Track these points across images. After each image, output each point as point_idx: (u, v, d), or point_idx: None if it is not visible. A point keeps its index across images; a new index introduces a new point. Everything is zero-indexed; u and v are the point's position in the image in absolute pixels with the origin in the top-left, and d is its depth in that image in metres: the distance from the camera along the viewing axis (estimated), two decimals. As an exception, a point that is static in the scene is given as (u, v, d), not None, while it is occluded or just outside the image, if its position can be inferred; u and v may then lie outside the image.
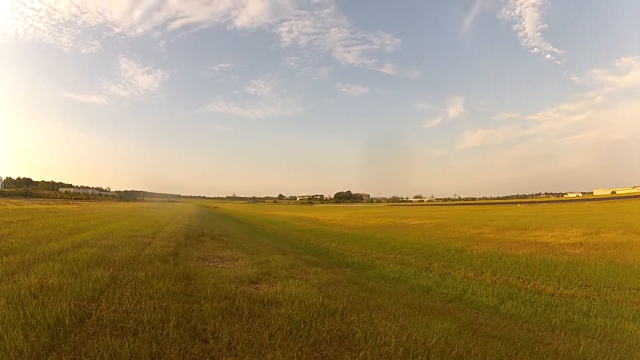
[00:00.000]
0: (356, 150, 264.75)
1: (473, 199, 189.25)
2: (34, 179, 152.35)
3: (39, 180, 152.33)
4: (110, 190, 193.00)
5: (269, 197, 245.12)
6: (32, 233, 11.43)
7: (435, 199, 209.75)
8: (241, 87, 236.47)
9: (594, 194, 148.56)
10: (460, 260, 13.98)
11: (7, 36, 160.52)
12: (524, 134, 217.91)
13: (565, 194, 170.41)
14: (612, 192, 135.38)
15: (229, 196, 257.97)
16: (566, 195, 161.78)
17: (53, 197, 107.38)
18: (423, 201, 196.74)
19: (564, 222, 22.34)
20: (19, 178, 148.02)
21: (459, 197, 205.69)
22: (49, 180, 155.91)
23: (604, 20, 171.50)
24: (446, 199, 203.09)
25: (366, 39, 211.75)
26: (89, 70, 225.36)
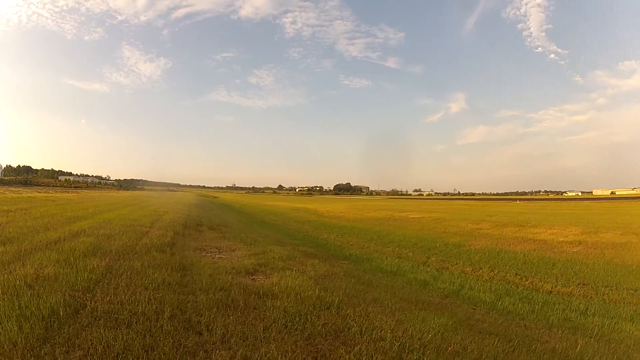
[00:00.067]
0: (357, 142, 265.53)
1: (472, 194, 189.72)
2: (33, 167, 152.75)
3: (39, 169, 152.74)
4: (110, 178, 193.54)
5: (269, 188, 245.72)
6: (30, 222, 11.38)
7: (435, 193, 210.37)
8: (244, 77, 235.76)
9: (594, 193, 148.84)
10: (458, 255, 13.97)
11: (10, 23, 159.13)
12: (525, 131, 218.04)
13: (565, 192, 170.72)
14: (612, 193, 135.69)
15: (229, 186, 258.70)
16: (566, 194, 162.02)
17: (52, 185, 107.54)
18: (422, 195, 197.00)
19: (563, 220, 22.34)
20: (19, 166, 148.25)
21: (459, 192, 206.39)
22: (49, 169, 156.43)
23: (607, 23, 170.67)
24: (446, 194, 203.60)
25: (370, 32, 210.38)
26: (91, 57, 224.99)
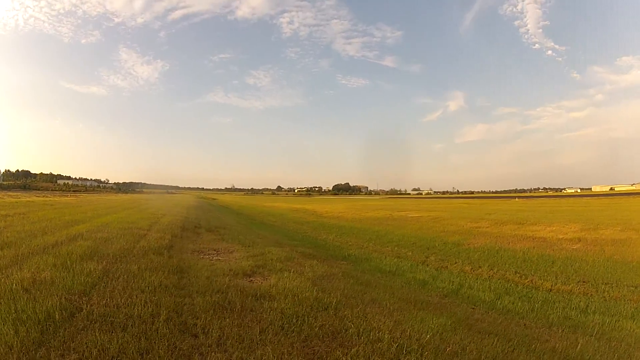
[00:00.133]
0: (355, 142, 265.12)
1: (471, 192, 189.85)
2: (32, 171, 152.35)
3: (38, 173, 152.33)
4: (109, 181, 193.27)
5: (268, 189, 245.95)
6: (28, 226, 11.37)
7: (434, 192, 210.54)
8: (241, 78, 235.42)
9: (593, 190, 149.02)
10: (457, 253, 13.93)
11: (7, 27, 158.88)
12: (523, 129, 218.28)
13: (564, 189, 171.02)
14: (611, 189, 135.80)
15: (228, 188, 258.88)
16: (564, 191, 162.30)
17: (51, 190, 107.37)
18: (421, 194, 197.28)
19: (562, 217, 22.34)
20: (18, 170, 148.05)
21: (458, 191, 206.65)
22: (48, 173, 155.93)
23: (604, 19, 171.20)
24: (445, 192, 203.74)
25: (367, 31, 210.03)
26: (88, 60, 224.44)
